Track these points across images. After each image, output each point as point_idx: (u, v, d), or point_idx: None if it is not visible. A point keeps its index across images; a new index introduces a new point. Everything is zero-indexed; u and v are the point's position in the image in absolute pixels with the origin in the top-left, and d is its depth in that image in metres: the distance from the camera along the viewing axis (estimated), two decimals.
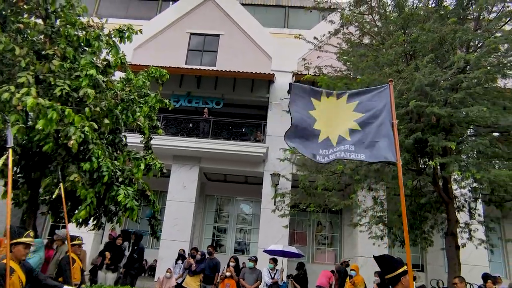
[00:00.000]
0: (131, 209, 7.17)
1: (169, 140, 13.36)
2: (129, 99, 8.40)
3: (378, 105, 3.80)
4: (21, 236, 3.94)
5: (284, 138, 4.00)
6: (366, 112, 3.82)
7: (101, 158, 7.29)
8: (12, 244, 3.92)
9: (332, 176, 8.20)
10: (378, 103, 3.81)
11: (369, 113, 3.81)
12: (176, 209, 13.32)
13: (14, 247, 3.91)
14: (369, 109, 3.83)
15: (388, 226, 9.17)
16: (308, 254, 14.92)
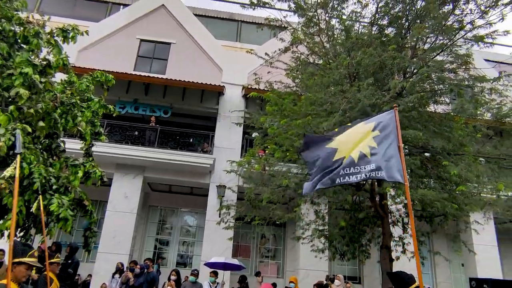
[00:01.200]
0: (64, 220, 6.73)
1: (112, 148, 12.81)
2: (70, 103, 7.96)
3: (389, 127, 4.13)
4: (25, 256, 3.52)
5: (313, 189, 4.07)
6: (381, 132, 4.13)
7: (33, 164, 6.79)
8: (14, 264, 3.50)
9: (277, 190, 8.33)
10: (388, 125, 4.14)
11: (383, 132, 4.12)
12: (117, 220, 12.72)
13: (15, 267, 3.49)
14: (383, 129, 4.14)
15: (329, 240, 9.46)
16: (251, 267, 14.91)
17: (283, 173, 8.49)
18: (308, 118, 7.36)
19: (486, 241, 13.48)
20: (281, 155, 8.17)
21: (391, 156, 3.95)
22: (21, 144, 4.22)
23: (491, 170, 7.97)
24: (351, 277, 14.78)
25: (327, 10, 9.79)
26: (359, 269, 15.33)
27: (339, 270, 14.43)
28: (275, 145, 8.42)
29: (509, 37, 26.22)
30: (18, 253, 3.58)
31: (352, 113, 7.29)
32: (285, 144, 8.07)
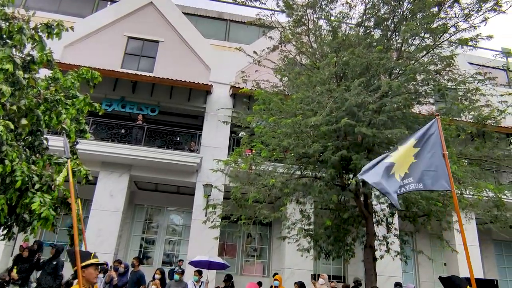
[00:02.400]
0: (45, 219, 6.63)
1: (98, 146, 12.66)
2: (54, 100, 7.84)
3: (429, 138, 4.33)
4: (89, 258, 3.71)
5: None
6: (421, 146, 4.32)
7: (15, 162, 6.67)
8: (83, 268, 3.68)
9: (263, 189, 8.36)
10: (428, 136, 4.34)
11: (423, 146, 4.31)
12: (101, 218, 12.58)
13: (85, 271, 3.66)
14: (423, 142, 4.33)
15: (315, 239, 9.53)
16: (237, 266, 14.92)
17: (269, 172, 8.52)
18: (298, 117, 7.40)
19: (468, 240, 13.73)
20: (268, 155, 8.21)
21: (436, 165, 4.15)
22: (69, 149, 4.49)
23: (473, 172, 8.15)
24: (336, 276, 14.91)
25: (315, 10, 9.86)
26: (343, 268, 15.48)
27: (324, 269, 14.55)
28: (261, 144, 8.44)
29: (492, 41, 26.87)
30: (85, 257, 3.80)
31: (338, 113, 7.36)
32: (271, 143, 8.11)
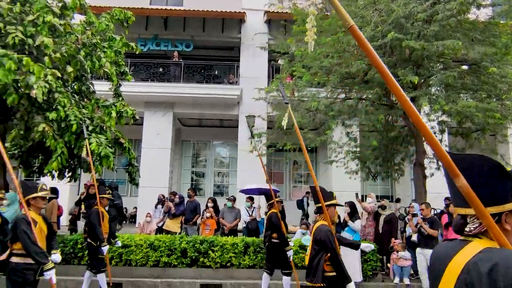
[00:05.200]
0: (106, 157, 7.06)
1: (139, 86, 12.90)
2: (91, 44, 7.89)
3: None
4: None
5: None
6: None
7: (67, 107, 6.98)
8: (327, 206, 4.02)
9: (307, 114, 8.24)
10: None
11: None
12: (152, 156, 13.23)
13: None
14: None
15: (362, 161, 9.49)
16: (285, 192, 15.45)
17: (312, 96, 8.30)
18: (339, 34, 6.95)
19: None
20: (310, 78, 7.92)
21: None
22: (286, 95, 4.68)
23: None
24: (383, 196, 15.06)
25: None
26: (391, 187, 15.56)
27: (372, 190, 14.68)
28: (303, 68, 8.14)
29: None
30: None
31: (384, 26, 6.81)
32: (313, 66, 7.79)
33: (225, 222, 9.24)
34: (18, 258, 3.85)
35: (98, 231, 6.14)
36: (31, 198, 4.02)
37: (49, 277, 3.85)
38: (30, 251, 3.75)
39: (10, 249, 3.90)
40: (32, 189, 4.08)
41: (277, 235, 6.29)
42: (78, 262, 7.51)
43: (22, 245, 3.78)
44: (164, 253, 7.47)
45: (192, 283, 7.20)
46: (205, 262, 7.48)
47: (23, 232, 3.76)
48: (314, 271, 3.78)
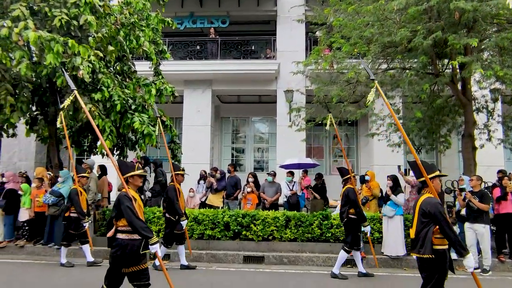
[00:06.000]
0: (149, 135, 7.31)
1: (177, 65, 13.08)
2: (129, 23, 8.05)
3: None
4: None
5: None
6: None
7: (111, 88, 7.24)
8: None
9: (347, 86, 8.00)
10: None
11: None
12: (193, 133, 13.52)
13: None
14: None
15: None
16: (326, 167, 15.31)
17: (352, 68, 8.01)
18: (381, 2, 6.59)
19: None
20: (349, 49, 7.63)
21: None
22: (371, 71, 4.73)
23: None
24: None
25: None
26: (436, 160, 14.93)
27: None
28: (341, 39, 7.85)
29: None
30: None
31: None
32: (352, 36, 7.49)
33: (266, 196, 9.37)
34: (123, 235, 3.95)
35: (176, 206, 6.42)
36: (129, 176, 4.11)
37: (154, 250, 3.97)
38: (135, 226, 3.83)
39: (115, 226, 4.00)
40: (130, 168, 4.18)
41: (355, 210, 6.26)
42: None
43: (127, 221, 3.86)
44: (208, 226, 7.74)
45: (235, 255, 7.43)
46: (247, 235, 7.68)
47: (128, 208, 3.84)
48: (422, 242, 3.78)
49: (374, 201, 8.68)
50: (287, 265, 7.22)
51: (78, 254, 7.59)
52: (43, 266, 7.02)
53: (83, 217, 6.75)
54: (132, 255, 3.91)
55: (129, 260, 3.91)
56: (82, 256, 7.25)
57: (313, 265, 7.21)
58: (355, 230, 6.32)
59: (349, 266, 7.15)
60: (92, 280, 5.99)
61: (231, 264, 7.26)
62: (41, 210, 7.98)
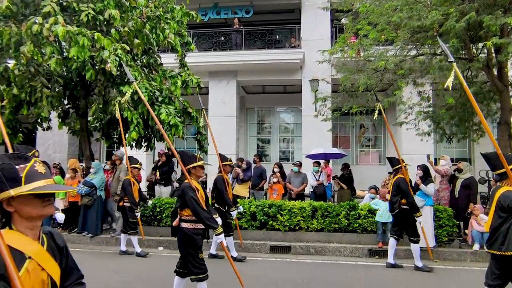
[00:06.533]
0: (175, 126, 7.41)
1: (202, 57, 13.14)
2: (155, 16, 8.14)
3: None
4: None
5: None
6: None
7: (138, 80, 7.37)
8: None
9: (375, 74, 7.79)
10: None
11: None
12: (218, 124, 13.60)
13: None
14: None
15: (436, 121, 8.85)
16: (352, 156, 15.08)
17: (379, 55, 7.78)
18: None
19: None
20: (376, 36, 7.40)
21: None
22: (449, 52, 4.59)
23: None
24: (460, 159, 14.03)
25: None
26: (469, 149, 14.40)
27: (446, 152, 13.72)
28: (368, 25, 7.63)
29: None
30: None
31: None
32: (380, 22, 7.26)
33: (292, 186, 9.35)
34: (187, 224, 4.06)
35: (225, 196, 6.54)
36: (191, 167, 4.17)
37: (219, 240, 4.08)
38: (201, 217, 3.89)
39: (179, 215, 4.10)
40: (192, 159, 4.21)
41: (407, 201, 6.18)
42: (158, 223, 8.17)
43: (192, 212, 3.94)
44: None
45: (262, 244, 7.48)
46: (274, 225, 7.70)
47: (192, 199, 3.91)
48: (503, 239, 3.58)
49: None
50: (314, 255, 7.21)
51: (110, 243, 7.87)
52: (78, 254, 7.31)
53: (136, 207, 6.93)
54: (200, 242, 4.05)
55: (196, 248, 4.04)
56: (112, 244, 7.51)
57: (340, 256, 7.17)
58: (408, 220, 6.22)
59: (377, 257, 7.06)
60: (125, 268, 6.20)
61: (258, 254, 7.32)
62: (74, 200, 8.31)
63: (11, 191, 1.43)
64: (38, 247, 1.52)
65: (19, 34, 6.76)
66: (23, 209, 1.48)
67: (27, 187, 1.45)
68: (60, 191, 3.18)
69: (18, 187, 1.44)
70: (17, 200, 1.46)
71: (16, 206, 1.47)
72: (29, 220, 1.50)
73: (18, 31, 6.74)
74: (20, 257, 1.42)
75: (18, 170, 1.46)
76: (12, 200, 1.46)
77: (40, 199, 1.50)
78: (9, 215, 1.48)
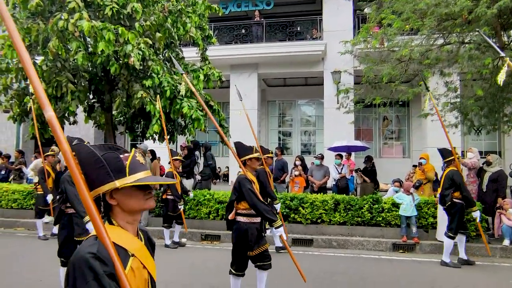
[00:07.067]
0: (197, 120, 7.47)
1: (223, 50, 13.17)
2: (177, 10, 8.18)
3: None
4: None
5: None
6: None
7: (160, 74, 7.45)
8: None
9: (399, 64, 7.59)
10: None
11: None
12: (240, 117, 13.62)
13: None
14: None
15: (464, 113, 8.56)
16: (375, 149, 14.84)
17: (404, 45, 7.56)
18: None
19: None
20: (401, 25, 7.19)
21: None
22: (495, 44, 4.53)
23: None
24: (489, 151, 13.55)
25: None
26: (499, 142, 13.91)
27: (475, 145, 13.31)
28: (392, 14, 7.42)
29: None
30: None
31: None
32: (405, 10, 7.04)
33: (313, 179, 9.28)
34: (244, 218, 3.97)
35: (268, 189, 6.36)
36: (247, 159, 4.06)
37: (279, 233, 3.93)
38: (259, 209, 3.79)
39: (235, 209, 4.03)
40: (248, 150, 4.12)
41: (461, 194, 5.95)
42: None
43: (249, 204, 3.84)
44: None
45: None
46: (296, 218, 7.67)
47: (249, 191, 3.82)
48: None
49: (428, 184, 8.31)
50: (336, 248, 7.16)
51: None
52: None
53: (179, 200, 6.98)
54: (254, 238, 3.92)
55: (252, 243, 3.93)
56: None
57: (363, 249, 7.09)
58: (459, 214, 6.02)
59: (401, 251, 6.94)
60: None
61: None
62: None
63: (116, 182, 1.32)
64: (139, 244, 1.42)
65: (46, 31, 6.94)
66: (126, 202, 1.37)
67: (132, 178, 1.35)
68: (164, 183, 3.10)
69: (123, 178, 1.34)
70: (121, 192, 1.35)
71: (118, 199, 1.36)
72: (130, 214, 1.40)
73: (45, 27, 6.92)
74: (124, 254, 1.31)
75: (123, 160, 1.37)
76: (115, 193, 1.35)
77: (143, 191, 1.40)
78: (108, 208, 1.39)
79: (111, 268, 1.19)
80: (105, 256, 1.19)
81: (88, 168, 1.32)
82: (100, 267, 1.18)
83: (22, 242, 7.56)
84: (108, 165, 1.32)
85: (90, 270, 1.17)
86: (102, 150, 1.37)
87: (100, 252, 1.19)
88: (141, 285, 1.35)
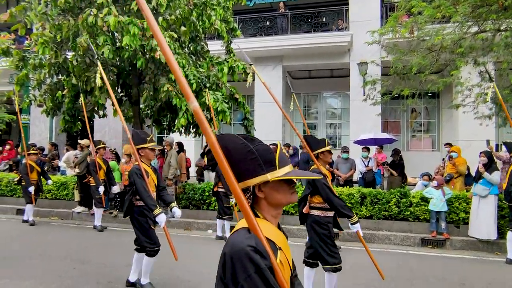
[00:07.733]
0: (223, 112, 7.50)
1: (248, 42, 13.11)
2: (201, 3, 8.21)
3: None
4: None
5: None
6: None
7: (186, 67, 7.52)
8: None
9: (430, 54, 7.33)
10: None
11: None
12: (264, 110, 13.61)
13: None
14: None
15: (498, 104, 8.19)
16: (403, 142, 14.47)
17: (435, 33, 7.28)
18: None
19: None
20: (432, 12, 6.92)
21: None
22: None
23: None
24: None
25: None
26: None
27: (509, 137, 12.77)
28: (423, 1, 7.15)
29: None
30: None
31: None
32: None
33: (339, 173, 9.17)
34: (318, 211, 3.96)
35: None
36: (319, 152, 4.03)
37: (355, 229, 3.87)
38: (335, 204, 3.75)
39: (309, 202, 4.03)
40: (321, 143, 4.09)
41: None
42: (207, 207, 8.40)
43: (324, 199, 3.80)
44: None
45: None
46: None
47: (324, 185, 3.77)
48: None
49: (459, 178, 8.05)
50: None
51: None
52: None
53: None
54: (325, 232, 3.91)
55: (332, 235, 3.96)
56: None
57: (390, 244, 6.96)
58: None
59: (430, 247, 6.78)
60: None
61: (305, 239, 7.29)
62: None
63: (268, 175, 1.29)
64: (283, 237, 1.41)
65: (76, 27, 7.12)
66: (274, 196, 1.34)
67: (282, 171, 1.32)
68: (310, 177, 3.18)
69: (274, 171, 1.31)
70: (269, 185, 1.32)
71: (266, 192, 1.33)
72: (275, 208, 1.38)
73: (75, 23, 7.11)
74: (274, 248, 1.29)
75: (273, 152, 1.33)
76: (264, 186, 1.32)
77: (289, 185, 1.37)
78: (254, 201, 1.35)
79: (269, 261, 1.18)
80: (263, 249, 1.18)
81: (238, 159, 1.29)
82: (261, 261, 1.17)
83: (58, 230, 7.90)
84: (260, 157, 1.29)
85: (252, 263, 1.16)
86: (249, 141, 1.33)
87: (258, 245, 1.19)
88: (287, 278, 1.32)
